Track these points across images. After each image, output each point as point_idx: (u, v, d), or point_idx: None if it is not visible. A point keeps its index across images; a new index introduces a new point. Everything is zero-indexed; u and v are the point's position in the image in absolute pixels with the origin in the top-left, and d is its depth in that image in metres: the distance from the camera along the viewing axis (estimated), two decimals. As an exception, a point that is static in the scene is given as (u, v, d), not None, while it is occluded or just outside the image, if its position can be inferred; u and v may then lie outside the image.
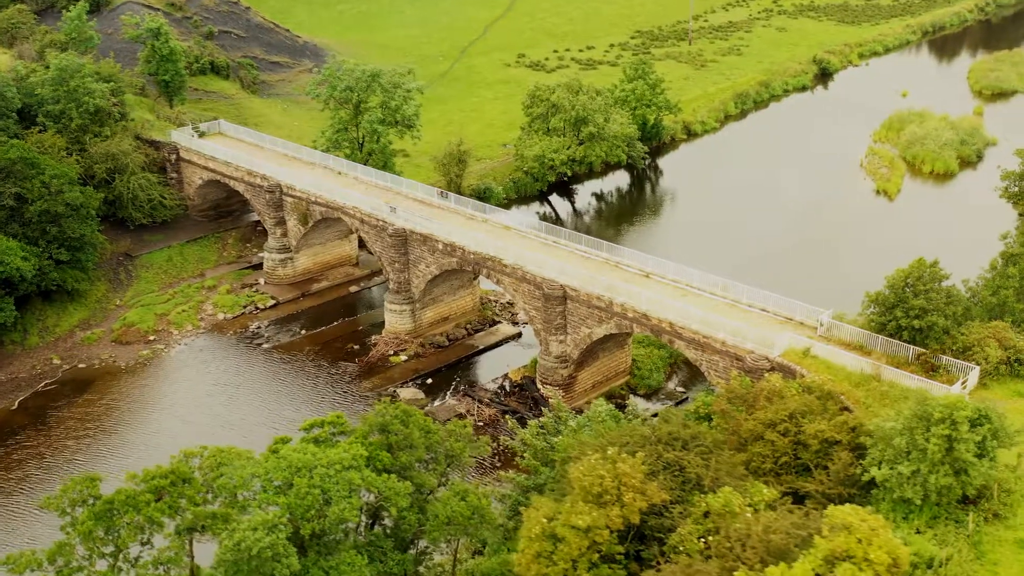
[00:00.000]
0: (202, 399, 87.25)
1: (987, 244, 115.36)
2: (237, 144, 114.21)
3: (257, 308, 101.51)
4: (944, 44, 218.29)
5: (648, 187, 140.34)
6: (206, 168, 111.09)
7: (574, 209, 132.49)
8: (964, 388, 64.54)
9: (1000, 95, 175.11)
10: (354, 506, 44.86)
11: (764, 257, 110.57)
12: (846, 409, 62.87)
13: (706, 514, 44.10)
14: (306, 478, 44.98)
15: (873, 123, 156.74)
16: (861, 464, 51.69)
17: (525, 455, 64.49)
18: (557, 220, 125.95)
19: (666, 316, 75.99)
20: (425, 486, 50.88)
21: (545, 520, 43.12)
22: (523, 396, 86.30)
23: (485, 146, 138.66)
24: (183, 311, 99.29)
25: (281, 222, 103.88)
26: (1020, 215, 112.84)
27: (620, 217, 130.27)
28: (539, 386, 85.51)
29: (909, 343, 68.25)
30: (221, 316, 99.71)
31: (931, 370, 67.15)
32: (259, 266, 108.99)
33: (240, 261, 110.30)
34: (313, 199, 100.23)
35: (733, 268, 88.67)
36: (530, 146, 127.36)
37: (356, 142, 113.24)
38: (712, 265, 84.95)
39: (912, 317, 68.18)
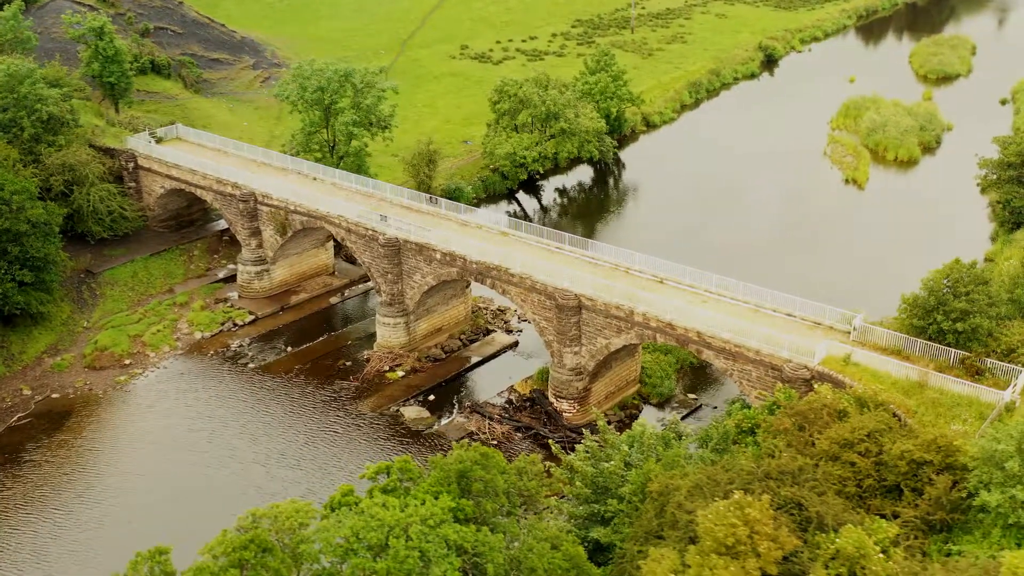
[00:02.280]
0: (190, 431, 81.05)
1: (972, 232, 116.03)
2: (199, 150, 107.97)
3: (235, 325, 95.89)
4: (879, 28, 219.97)
5: (615, 181, 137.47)
6: (169, 177, 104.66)
7: (542, 206, 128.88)
8: (1015, 392, 62.92)
9: (945, 79, 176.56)
10: (455, 567, 40.79)
11: (747, 252, 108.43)
12: (897, 418, 60.85)
13: (834, 556, 41.13)
14: (401, 538, 40.76)
15: (827, 110, 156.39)
16: (966, 487, 49.25)
17: (575, 482, 60.87)
18: (526, 218, 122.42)
19: (693, 325, 72.97)
20: (509, 534, 46.98)
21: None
22: (535, 411, 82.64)
23: (445, 143, 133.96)
24: (157, 331, 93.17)
25: (256, 233, 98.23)
26: (997, 202, 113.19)
27: (592, 213, 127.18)
28: (552, 399, 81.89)
29: (951, 347, 66.52)
30: (198, 335, 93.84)
31: (976, 374, 65.43)
32: (230, 279, 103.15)
33: (209, 274, 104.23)
34: (293, 208, 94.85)
35: (718, 264, 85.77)
36: (500, 143, 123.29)
37: (327, 145, 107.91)
38: (695, 261, 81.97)
39: (954, 320, 66.45)
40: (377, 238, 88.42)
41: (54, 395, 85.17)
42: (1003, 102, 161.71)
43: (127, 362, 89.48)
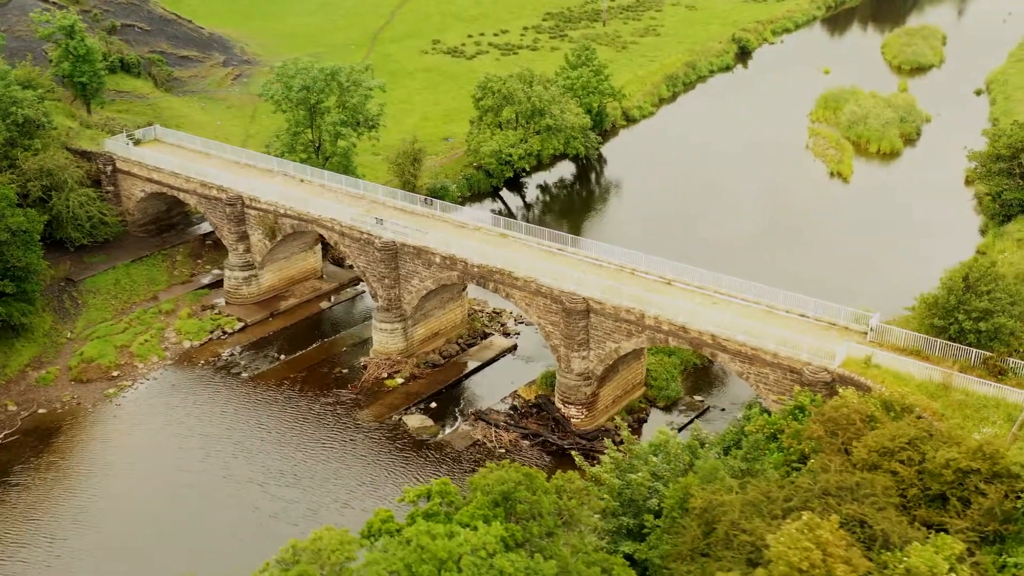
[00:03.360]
0: (183, 449, 77.68)
1: (960, 225, 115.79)
2: (179, 151, 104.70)
3: (225, 333, 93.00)
4: (845, 18, 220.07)
5: (599, 177, 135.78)
6: (150, 180, 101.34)
7: (526, 204, 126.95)
8: (1042, 392, 62.05)
9: (919, 70, 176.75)
10: (513, 599, 38.88)
11: (738, 248, 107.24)
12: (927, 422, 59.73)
13: (904, 577, 39.70)
14: (453, 571, 38.73)
15: (805, 102, 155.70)
16: (1020, 496, 48.05)
17: (603, 496, 59.02)
18: (511, 215, 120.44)
19: (707, 328, 71.38)
20: (557, 559, 44.99)
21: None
22: (541, 417, 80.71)
23: (426, 141, 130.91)
24: (145, 341, 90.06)
25: (244, 237, 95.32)
26: (986, 194, 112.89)
27: (578, 210, 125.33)
28: (560, 405, 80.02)
29: (972, 347, 65.55)
30: (187, 344, 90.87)
31: (999, 374, 64.51)
32: (216, 284, 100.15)
33: (194, 280, 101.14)
34: (282, 211, 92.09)
35: (709, 261, 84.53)
36: (485, 141, 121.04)
37: (312, 145, 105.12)
38: (686, 258, 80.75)
39: (976, 319, 65.50)
40: (373, 242, 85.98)
41: (41, 411, 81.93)
42: (978, 92, 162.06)
43: (115, 374, 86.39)
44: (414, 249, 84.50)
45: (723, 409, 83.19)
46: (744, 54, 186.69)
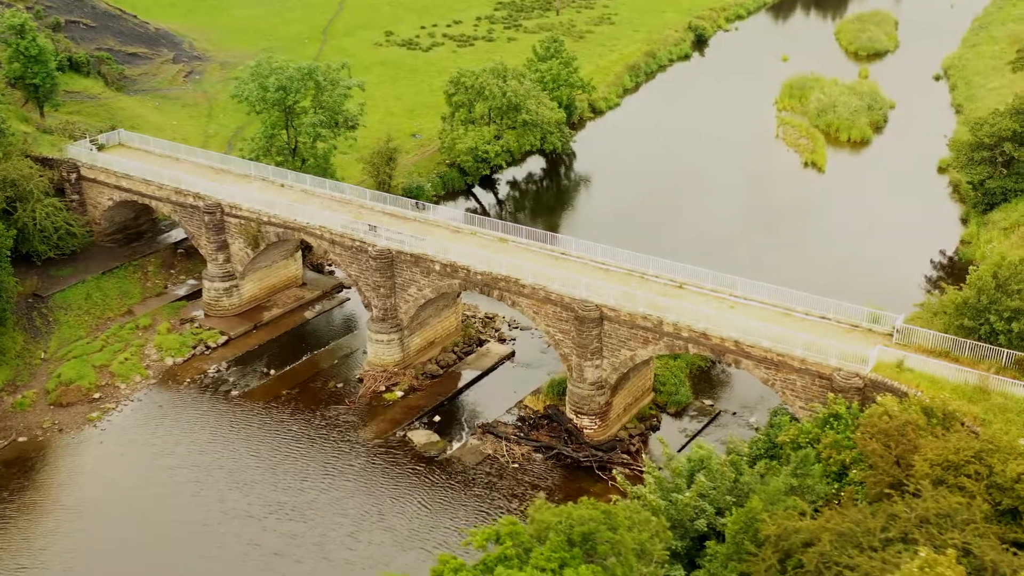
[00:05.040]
0: (180, 482, 72.39)
1: (940, 213, 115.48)
2: (147, 156, 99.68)
3: (208, 347, 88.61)
4: (792, 5, 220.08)
5: (571, 172, 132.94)
6: (118, 188, 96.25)
7: (499, 200, 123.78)
8: (1080, 393, 60.96)
9: (875, 55, 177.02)
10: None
11: (721, 242, 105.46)
12: (969, 429, 58.32)
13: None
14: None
15: (769, 90, 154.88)
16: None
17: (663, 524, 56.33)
18: (486, 213, 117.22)
19: (730, 334, 69.11)
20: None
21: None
22: (553, 428, 77.90)
23: (393, 138, 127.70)
24: (125, 359, 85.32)
25: (224, 246, 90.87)
26: (968, 183, 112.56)
27: (555, 207, 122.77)
28: (572, 416, 77.30)
29: (1003, 347, 64.28)
30: (170, 361, 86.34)
31: (1032, 375, 63.36)
32: (193, 296, 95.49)
33: (169, 292, 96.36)
34: (266, 219, 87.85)
35: (694, 256, 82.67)
36: (460, 137, 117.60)
37: (288, 148, 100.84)
38: (670, 254, 78.83)
39: (1008, 319, 64.25)
40: (367, 250, 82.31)
41: (21, 439, 76.94)
42: (936, 78, 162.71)
43: (96, 396, 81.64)
44: (411, 257, 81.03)
45: (734, 413, 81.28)
46: (701, 42, 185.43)
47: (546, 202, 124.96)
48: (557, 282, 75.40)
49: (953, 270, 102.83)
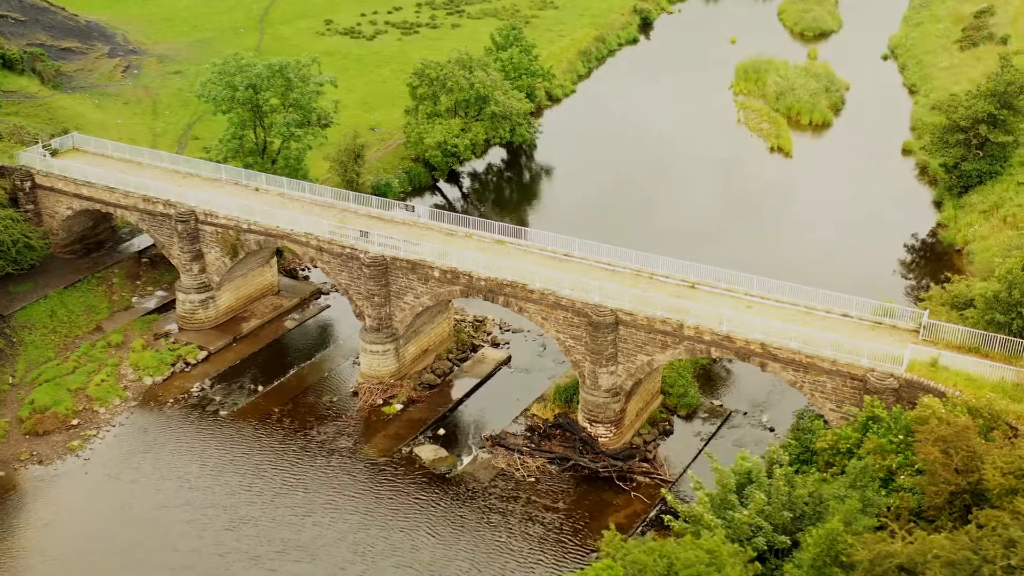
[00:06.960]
0: (174, 521, 66.84)
1: (908, 195, 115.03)
2: (105, 161, 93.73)
3: (188, 364, 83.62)
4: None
5: (533, 163, 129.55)
6: (78, 196, 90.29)
7: (464, 195, 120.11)
8: (1117, 387, 60.01)
9: (821, 35, 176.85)
10: None
11: (702, 235, 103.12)
12: (1014, 430, 56.99)
13: None
14: None
15: (722, 73, 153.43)
16: None
17: (699, 534, 53.96)
18: (453, 209, 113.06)
19: (755, 336, 66.78)
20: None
21: None
22: (566, 438, 74.85)
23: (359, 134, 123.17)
24: (101, 381, 79.92)
25: (198, 256, 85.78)
26: (940, 166, 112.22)
27: (522, 199, 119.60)
28: (586, 424, 74.36)
29: (1037, 341, 63.19)
30: (149, 380, 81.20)
31: (1068, 369, 62.30)
32: (164, 308, 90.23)
33: (137, 306, 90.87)
34: (245, 227, 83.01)
35: (673, 249, 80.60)
36: (428, 131, 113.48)
37: (258, 148, 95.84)
38: (650, 247, 77.17)
39: (1040, 313, 63.13)
40: (359, 257, 78.14)
41: (-1, 473, 71.51)
42: (884, 57, 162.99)
43: (74, 422, 76.22)
44: (408, 263, 77.12)
45: (745, 413, 79.23)
46: (646, 25, 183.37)
47: (512, 195, 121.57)
48: (568, 287, 72.26)
49: (930, 254, 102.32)
